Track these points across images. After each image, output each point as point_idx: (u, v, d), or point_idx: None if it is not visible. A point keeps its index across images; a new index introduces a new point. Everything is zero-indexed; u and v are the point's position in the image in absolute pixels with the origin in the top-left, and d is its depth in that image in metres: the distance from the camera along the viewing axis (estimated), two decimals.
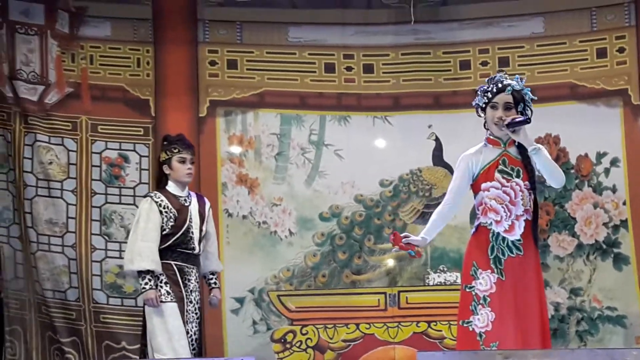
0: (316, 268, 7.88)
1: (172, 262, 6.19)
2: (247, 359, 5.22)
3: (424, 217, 7.98)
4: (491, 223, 5.26)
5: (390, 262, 7.91)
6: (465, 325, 5.28)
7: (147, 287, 6.07)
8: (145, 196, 6.39)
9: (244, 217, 7.91)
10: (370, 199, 7.94)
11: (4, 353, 7.39)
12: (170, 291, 6.12)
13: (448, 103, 8.03)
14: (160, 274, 6.12)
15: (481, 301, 5.19)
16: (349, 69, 8.09)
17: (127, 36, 7.91)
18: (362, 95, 8.04)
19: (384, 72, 8.07)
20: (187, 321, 6.13)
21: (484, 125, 5.40)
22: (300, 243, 7.88)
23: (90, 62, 7.83)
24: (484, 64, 8.03)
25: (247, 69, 8.05)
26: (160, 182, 6.37)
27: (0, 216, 7.50)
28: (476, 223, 5.39)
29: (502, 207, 5.24)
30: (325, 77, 8.08)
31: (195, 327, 6.20)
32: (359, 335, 7.76)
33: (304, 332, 7.74)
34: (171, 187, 6.32)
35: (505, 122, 5.19)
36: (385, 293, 7.81)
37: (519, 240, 5.23)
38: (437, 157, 8.01)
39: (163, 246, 6.17)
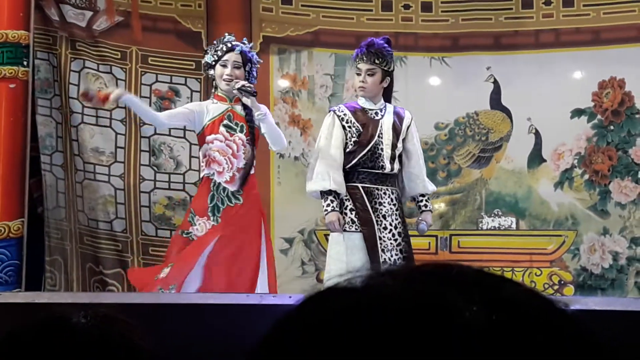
0: None
1: (359, 185, 5.64)
2: (295, 296, 4.94)
3: (479, 161, 7.74)
4: (213, 174, 5.63)
5: (443, 206, 7.65)
6: None
7: (329, 208, 5.52)
8: (329, 110, 5.91)
9: (296, 158, 7.69)
10: (425, 142, 7.56)
11: (44, 283, 7.13)
12: (356, 219, 5.57)
13: (508, 44, 7.77)
14: (346, 199, 5.61)
15: None
16: (406, 7, 7.86)
17: None
18: (419, 35, 7.80)
19: (442, 11, 7.81)
20: (384, 249, 5.55)
21: (212, 82, 5.82)
22: None
23: None
24: (547, 3, 7.74)
25: (302, 5, 7.84)
26: None
27: (42, 143, 7.17)
28: (201, 175, 5.84)
29: (225, 159, 5.61)
30: (382, 16, 7.85)
31: (396, 254, 5.58)
32: None
33: None
34: (361, 100, 5.74)
35: (237, 87, 5.57)
36: (436, 236, 7.55)
37: (238, 191, 5.62)
38: (495, 100, 7.75)
39: (348, 166, 5.64)
